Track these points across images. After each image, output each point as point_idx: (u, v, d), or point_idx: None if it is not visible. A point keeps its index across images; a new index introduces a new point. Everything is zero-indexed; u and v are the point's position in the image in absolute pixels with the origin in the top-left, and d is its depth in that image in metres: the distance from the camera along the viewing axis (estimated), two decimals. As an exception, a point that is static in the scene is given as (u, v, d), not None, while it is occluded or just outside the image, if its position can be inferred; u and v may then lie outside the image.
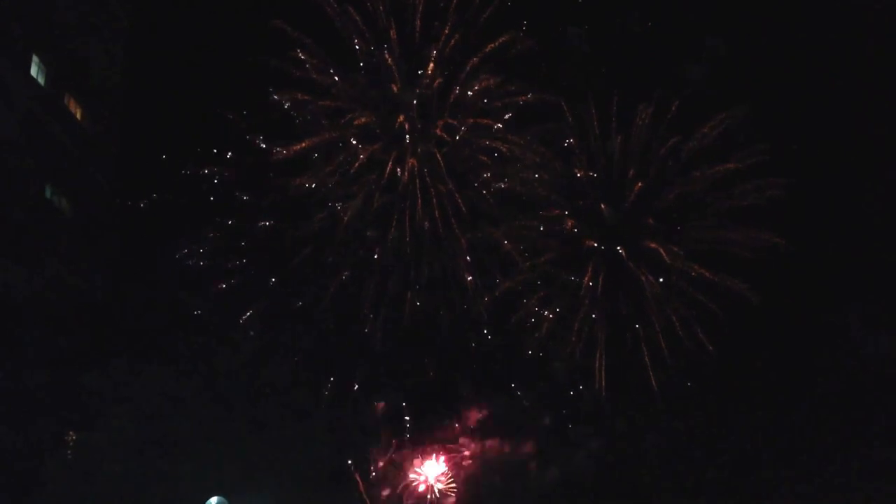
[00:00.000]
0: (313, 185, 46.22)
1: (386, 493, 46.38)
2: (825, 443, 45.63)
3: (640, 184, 47.98)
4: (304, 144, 46.19)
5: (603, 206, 48.05)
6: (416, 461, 46.43)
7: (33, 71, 43.43)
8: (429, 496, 46.17)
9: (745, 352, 46.84)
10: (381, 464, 46.23)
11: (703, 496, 45.49)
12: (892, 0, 49.79)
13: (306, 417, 41.34)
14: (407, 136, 46.91)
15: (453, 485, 46.59)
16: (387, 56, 46.03)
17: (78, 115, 46.93)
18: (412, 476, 46.26)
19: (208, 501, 31.90)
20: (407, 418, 46.55)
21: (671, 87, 47.81)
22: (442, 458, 46.80)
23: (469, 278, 47.28)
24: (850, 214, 48.72)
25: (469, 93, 47.16)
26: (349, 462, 44.15)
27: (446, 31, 46.44)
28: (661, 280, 47.84)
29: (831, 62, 49.32)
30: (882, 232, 48.08)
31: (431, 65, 46.46)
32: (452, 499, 46.44)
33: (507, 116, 47.34)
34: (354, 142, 46.64)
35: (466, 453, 47.59)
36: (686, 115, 48.03)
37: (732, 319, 46.41)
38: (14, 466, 33.42)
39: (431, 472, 46.36)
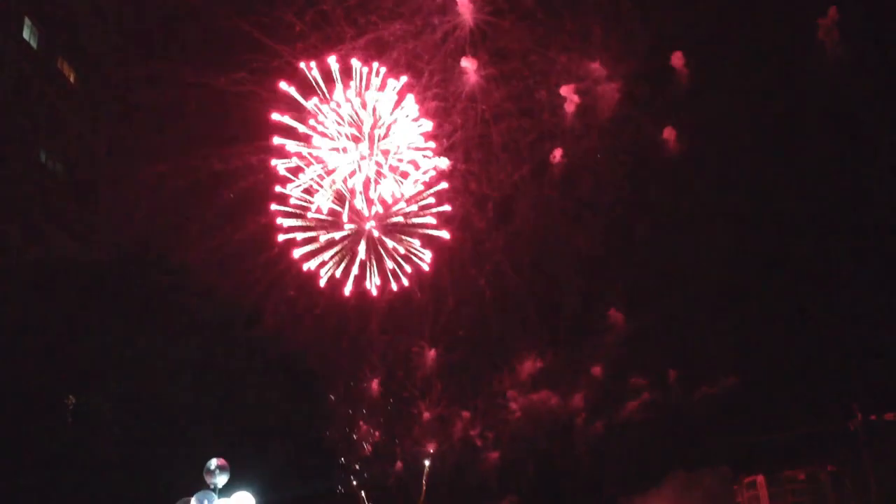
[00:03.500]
0: None
1: None
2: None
3: None
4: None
5: None
6: None
7: (25, 34, 42.93)
8: None
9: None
10: None
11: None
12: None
13: (311, 380, 41.58)
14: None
15: None
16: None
17: (71, 79, 46.54)
18: None
19: (209, 462, 31.76)
20: None
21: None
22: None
23: None
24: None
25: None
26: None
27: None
28: None
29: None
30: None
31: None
32: None
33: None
34: None
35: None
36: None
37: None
38: (14, 431, 33.49)
39: None
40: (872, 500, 43.10)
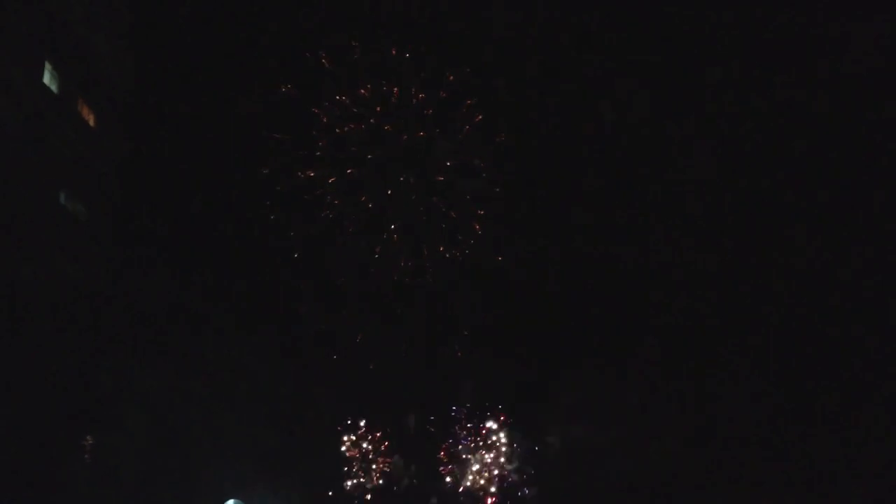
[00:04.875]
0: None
1: None
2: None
3: None
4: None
5: None
6: None
7: (46, 78, 43.51)
8: None
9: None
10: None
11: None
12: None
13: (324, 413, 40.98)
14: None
15: None
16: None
17: (91, 122, 47.03)
18: None
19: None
20: None
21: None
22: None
23: None
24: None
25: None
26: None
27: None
28: None
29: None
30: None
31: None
32: None
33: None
34: None
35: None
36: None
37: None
38: (32, 469, 33.28)
39: None
40: None
